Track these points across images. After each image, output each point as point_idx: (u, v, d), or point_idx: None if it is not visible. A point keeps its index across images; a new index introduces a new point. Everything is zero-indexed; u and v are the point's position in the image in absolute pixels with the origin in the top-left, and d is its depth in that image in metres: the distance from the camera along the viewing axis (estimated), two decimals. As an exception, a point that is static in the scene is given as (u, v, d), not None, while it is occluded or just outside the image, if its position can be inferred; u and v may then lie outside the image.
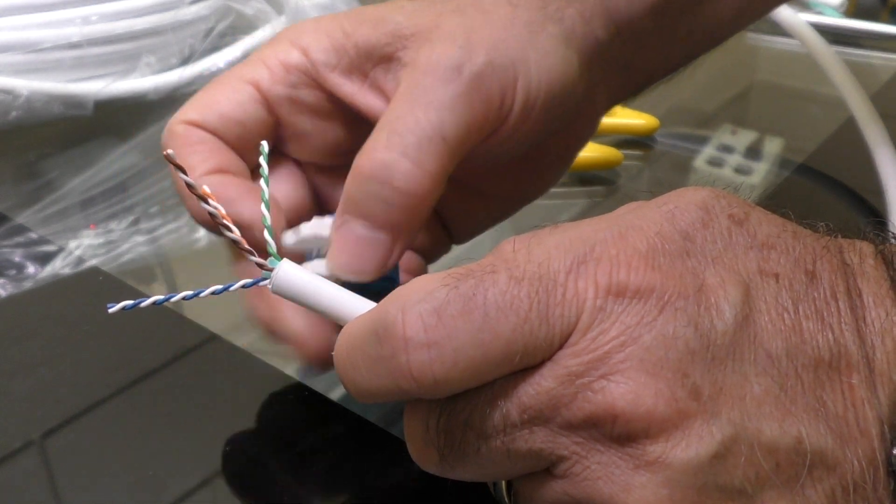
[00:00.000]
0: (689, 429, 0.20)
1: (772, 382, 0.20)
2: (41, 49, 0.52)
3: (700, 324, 0.20)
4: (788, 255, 0.22)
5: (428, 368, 0.20)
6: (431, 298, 0.20)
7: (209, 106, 0.30)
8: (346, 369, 0.22)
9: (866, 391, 0.20)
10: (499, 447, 0.21)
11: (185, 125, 0.29)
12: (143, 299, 0.23)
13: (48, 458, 0.30)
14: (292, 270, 0.24)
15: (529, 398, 0.21)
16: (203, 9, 0.61)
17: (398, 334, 0.20)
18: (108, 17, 0.55)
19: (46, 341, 0.36)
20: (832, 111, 0.53)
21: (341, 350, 0.22)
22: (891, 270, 0.22)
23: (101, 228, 0.45)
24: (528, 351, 0.20)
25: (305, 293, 0.24)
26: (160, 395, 0.33)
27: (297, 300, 0.24)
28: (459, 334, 0.20)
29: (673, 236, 0.21)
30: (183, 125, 0.29)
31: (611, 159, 0.50)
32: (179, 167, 0.23)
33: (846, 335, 0.21)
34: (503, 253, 0.22)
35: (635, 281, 0.20)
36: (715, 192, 0.23)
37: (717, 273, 0.21)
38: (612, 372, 0.20)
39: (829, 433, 0.20)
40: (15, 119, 0.52)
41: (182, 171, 0.23)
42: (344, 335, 0.22)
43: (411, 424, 0.22)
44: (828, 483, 0.20)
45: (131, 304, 0.23)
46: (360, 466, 0.29)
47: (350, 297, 0.24)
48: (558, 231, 0.22)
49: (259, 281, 0.24)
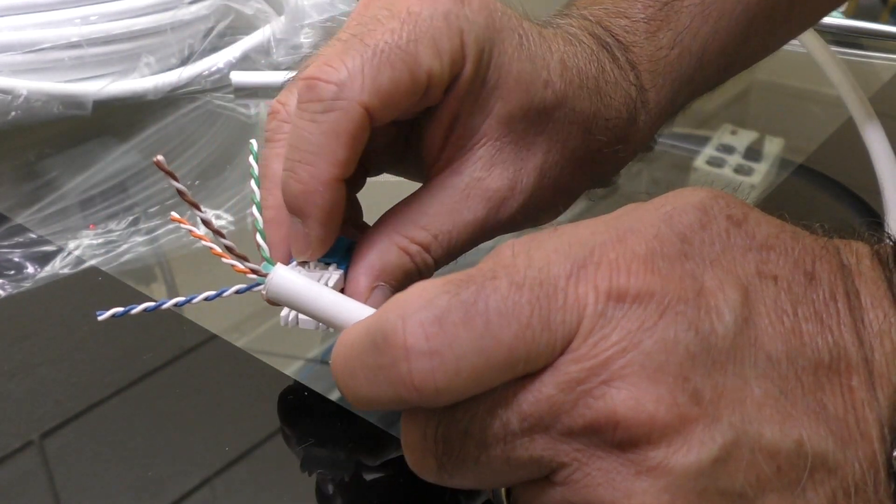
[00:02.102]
0: (691, 434, 0.19)
1: (772, 385, 0.20)
2: (40, 49, 0.52)
3: (700, 327, 0.20)
4: (787, 257, 0.22)
5: (430, 377, 0.20)
6: (432, 306, 0.20)
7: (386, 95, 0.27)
8: (344, 377, 0.22)
9: (866, 393, 0.20)
10: (498, 455, 0.21)
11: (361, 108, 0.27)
12: (133, 306, 0.23)
13: (47, 459, 0.30)
14: (287, 275, 0.23)
15: (530, 406, 0.20)
16: (203, 9, 0.61)
17: (399, 343, 0.20)
18: (107, 17, 0.55)
19: (46, 341, 0.36)
20: (832, 111, 0.53)
21: (339, 357, 0.22)
22: (887, 271, 0.22)
23: (101, 228, 0.45)
24: (529, 358, 0.20)
25: (301, 298, 0.23)
26: (160, 395, 0.33)
27: (292, 305, 0.24)
28: (461, 342, 0.20)
29: (671, 239, 0.21)
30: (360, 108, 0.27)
31: (611, 159, 0.50)
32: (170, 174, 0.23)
33: (845, 337, 0.21)
34: (503, 258, 0.22)
35: (635, 285, 0.20)
36: (713, 192, 0.23)
37: (715, 276, 0.21)
38: (613, 378, 0.20)
39: (830, 436, 0.20)
40: (14, 119, 0.52)
41: (174, 178, 0.23)
42: (341, 342, 0.22)
43: (409, 433, 0.22)
44: (829, 486, 0.20)
45: (122, 310, 0.23)
46: (360, 466, 0.29)
47: (346, 302, 0.23)
48: (557, 234, 0.22)
49: (253, 286, 0.24)
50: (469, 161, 0.30)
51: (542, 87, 0.30)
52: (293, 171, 0.27)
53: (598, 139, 0.33)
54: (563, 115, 0.31)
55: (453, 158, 0.30)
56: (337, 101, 0.26)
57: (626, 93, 0.33)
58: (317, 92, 0.27)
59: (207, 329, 0.36)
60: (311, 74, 0.27)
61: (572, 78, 0.31)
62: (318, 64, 0.27)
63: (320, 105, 0.27)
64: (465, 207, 0.30)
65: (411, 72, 0.27)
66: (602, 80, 0.32)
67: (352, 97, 0.26)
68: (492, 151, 0.30)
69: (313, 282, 0.24)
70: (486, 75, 0.29)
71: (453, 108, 0.29)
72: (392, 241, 0.29)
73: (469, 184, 0.30)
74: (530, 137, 0.31)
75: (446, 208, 0.30)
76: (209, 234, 0.24)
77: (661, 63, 0.35)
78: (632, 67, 0.34)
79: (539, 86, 0.30)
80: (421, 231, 0.29)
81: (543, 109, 0.30)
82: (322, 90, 0.27)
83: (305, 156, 0.27)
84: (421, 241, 0.29)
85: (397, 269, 0.29)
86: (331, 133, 0.27)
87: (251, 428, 0.31)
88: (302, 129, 0.27)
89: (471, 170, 0.30)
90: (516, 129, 0.30)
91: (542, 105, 0.30)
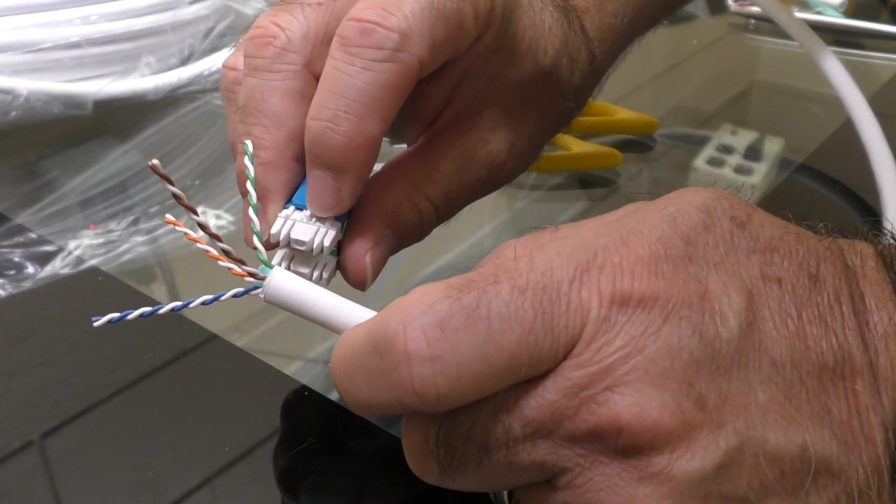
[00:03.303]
0: (695, 440, 0.19)
1: (776, 390, 0.20)
2: (41, 49, 0.52)
3: (705, 332, 0.20)
4: (791, 259, 0.21)
5: (431, 383, 0.20)
6: (433, 311, 0.20)
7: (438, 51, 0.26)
8: (343, 382, 0.22)
9: (870, 397, 0.20)
10: (501, 460, 0.21)
11: (419, 63, 0.25)
12: (129, 312, 0.23)
13: (48, 459, 0.30)
14: (284, 278, 0.23)
15: (532, 411, 0.20)
16: (203, 9, 0.61)
17: (400, 348, 0.20)
18: (107, 17, 0.55)
19: (46, 341, 0.36)
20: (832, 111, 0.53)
21: (339, 361, 0.22)
22: (891, 273, 0.21)
23: (101, 228, 0.45)
24: (532, 363, 0.20)
25: (299, 301, 0.23)
26: (160, 396, 0.33)
27: (290, 308, 0.23)
28: (463, 347, 0.20)
29: (675, 241, 0.21)
30: (418, 63, 0.25)
31: (611, 159, 0.50)
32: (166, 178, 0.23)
33: (850, 340, 0.20)
34: (504, 260, 0.21)
35: (639, 289, 0.20)
36: (716, 193, 0.22)
37: (719, 279, 0.21)
38: (616, 384, 0.20)
39: (834, 440, 0.20)
40: (14, 119, 0.52)
41: (169, 182, 0.23)
42: (341, 346, 0.22)
43: (410, 436, 0.22)
44: (832, 490, 0.20)
45: (118, 316, 0.23)
46: (360, 466, 0.29)
47: (345, 305, 0.23)
48: (559, 236, 0.22)
49: (251, 290, 0.24)
50: (477, 123, 0.29)
51: (543, 54, 0.30)
52: (335, 123, 0.25)
53: (567, 105, 0.33)
54: (552, 83, 0.31)
55: (457, 120, 0.30)
56: (398, 52, 0.24)
57: (584, 60, 0.34)
58: (375, 38, 0.24)
59: (207, 329, 0.36)
60: (366, 17, 0.25)
61: (558, 46, 0.31)
62: (372, 6, 0.25)
63: (379, 53, 0.24)
64: (471, 169, 0.29)
65: (461, 28, 0.26)
66: (573, 48, 0.33)
67: (413, 51, 0.25)
68: (497, 115, 0.30)
69: (312, 284, 0.24)
70: (501, 40, 0.29)
71: (462, 69, 0.29)
72: (408, 195, 0.28)
73: (477, 145, 0.29)
74: (528, 103, 0.31)
75: (455, 168, 0.29)
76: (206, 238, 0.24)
77: (607, 30, 0.36)
78: (585, 34, 0.35)
79: (541, 53, 0.30)
80: (436, 189, 0.29)
81: (542, 76, 0.31)
82: (382, 38, 0.24)
83: (355, 106, 0.24)
84: (434, 198, 0.29)
85: (406, 223, 0.28)
86: (388, 86, 0.25)
87: (251, 428, 0.31)
88: (353, 76, 0.24)
89: (479, 132, 0.29)
90: (519, 94, 0.30)
91: (542, 72, 0.31)
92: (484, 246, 0.37)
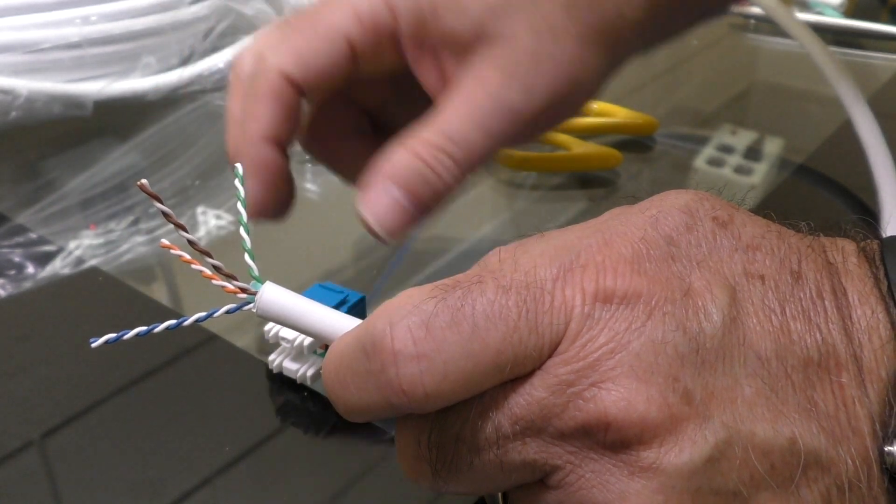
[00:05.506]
0: (683, 433, 0.19)
1: (762, 384, 0.20)
2: (41, 49, 0.52)
3: (688, 327, 0.20)
4: (773, 256, 0.22)
5: (418, 381, 0.20)
6: (419, 311, 0.20)
7: (304, 60, 0.30)
8: (334, 387, 0.22)
9: (856, 389, 0.20)
10: (492, 460, 0.21)
11: (279, 75, 0.30)
12: (125, 332, 0.23)
13: (48, 458, 0.30)
14: (276, 292, 0.24)
15: (521, 409, 0.20)
16: (203, 9, 0.61)
17: (387, 348, 0.20)
18: (107, 18, 0.55)
19: (46, 341, 0.36)
20: (832, 111, 0.53)
21: (329, 368, 0.22)
22: (873, 268, 0.22)
23: (101, 228, 0.45)
24: (518, 360, 0.20)
25: (290, 314, 0.24)
26: (160, 395, 0.33)
27: (282, 321, 0.24)
28: (449, 346, 0.20)
29: (657, 241, 0.21)
30: (277, 75, 0.30)
31: (610, 159, 0.50)
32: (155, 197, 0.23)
33: (834, 334, 0.21)
34: (489, 263, 0.22)
35: (622, 286, 0.20)
36: (698, 194, 0.23)
37: (702, 276, 0.21)
38: (602, 379, 0.20)
39: (822, 433, 0.20)
40: (15, 119, 0.52)
41: (158, 201, 0.23)
42: (331, 353, 0.22)
43: (402, 442, 0.22)
44: (822, 483, 0.20)
45: (114, 336, 0.23)
46: (360, 467, 0.30)
47: (336, 315, 0.24)
48: (543, 240, 0.22)
49: (244, 305, 0.24)
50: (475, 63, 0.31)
51: None
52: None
53: None
54: None
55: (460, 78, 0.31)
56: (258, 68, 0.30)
57: None
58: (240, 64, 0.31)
59: (207, 329, 0.36)
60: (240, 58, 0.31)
61: None
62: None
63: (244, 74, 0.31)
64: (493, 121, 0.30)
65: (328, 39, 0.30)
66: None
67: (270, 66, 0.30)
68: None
69: (302, 297, 0.24)
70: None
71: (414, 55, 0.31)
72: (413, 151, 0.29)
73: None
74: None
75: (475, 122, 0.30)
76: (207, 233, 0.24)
77: None
78: None
79: None
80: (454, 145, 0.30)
81: None
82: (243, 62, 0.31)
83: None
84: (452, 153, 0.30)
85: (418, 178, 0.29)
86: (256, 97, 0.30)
87: (251, 428, 0.31)
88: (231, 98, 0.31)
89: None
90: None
91: None
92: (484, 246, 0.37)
